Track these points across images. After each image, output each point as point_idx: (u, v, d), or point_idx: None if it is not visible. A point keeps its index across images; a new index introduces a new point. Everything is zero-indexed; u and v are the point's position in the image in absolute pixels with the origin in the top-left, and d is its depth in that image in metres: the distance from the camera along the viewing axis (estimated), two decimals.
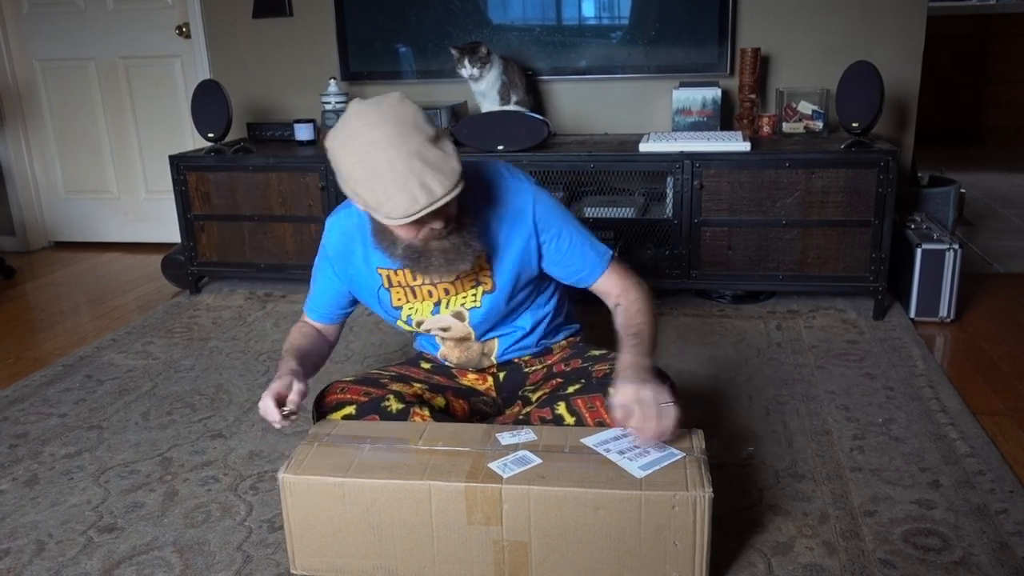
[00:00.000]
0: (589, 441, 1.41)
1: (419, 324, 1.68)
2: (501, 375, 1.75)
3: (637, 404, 1.37)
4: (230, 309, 2.98)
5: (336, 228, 1.65)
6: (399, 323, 1.70)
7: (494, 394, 1.75)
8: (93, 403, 2.23)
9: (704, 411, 2.03)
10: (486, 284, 1.63)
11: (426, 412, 1.55)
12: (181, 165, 3.03)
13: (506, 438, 1.43)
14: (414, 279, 1.62)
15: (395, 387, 1.61)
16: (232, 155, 3.02)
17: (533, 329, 1.73)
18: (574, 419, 1.52)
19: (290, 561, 1.42)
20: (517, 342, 1.73)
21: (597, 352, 1.71)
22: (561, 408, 1.53)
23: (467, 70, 2.88)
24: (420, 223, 1.39)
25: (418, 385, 1.65)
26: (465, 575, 1.36)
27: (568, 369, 1.68)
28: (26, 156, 3.95)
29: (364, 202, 1.39)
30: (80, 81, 3.82)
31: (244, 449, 1.93)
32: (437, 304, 1.65)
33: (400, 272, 1.62)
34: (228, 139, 3.12)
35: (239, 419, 2.09)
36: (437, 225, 1.41)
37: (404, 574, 1.38)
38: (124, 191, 3.94)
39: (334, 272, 1.68)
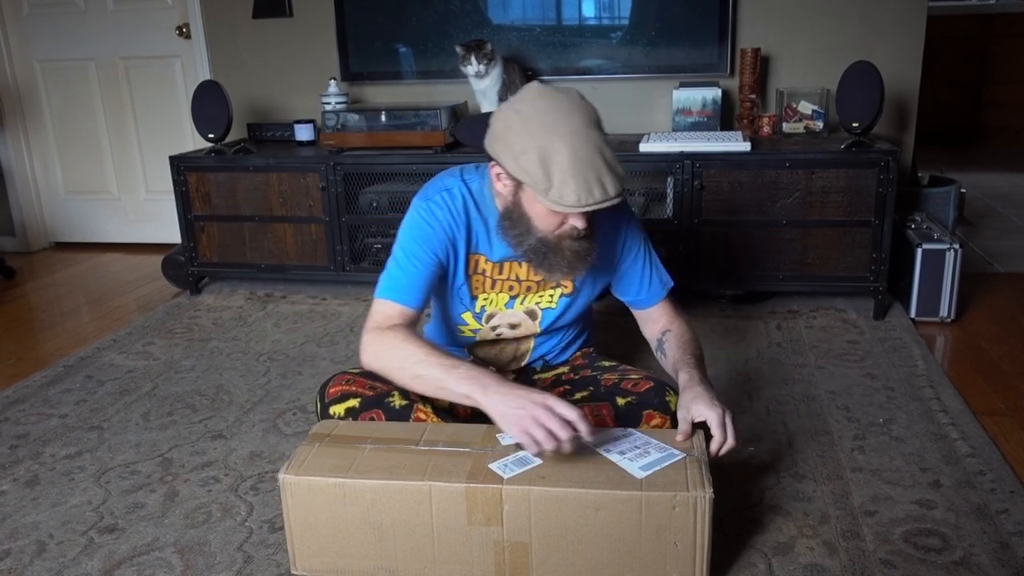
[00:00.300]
0: (591, 439, 1.41)
1: (489, 318, 1.68)
2: (511, 380, 1.76)
3: (717, 424, 1.41)
4: (230, 310, 2.98)
5: (444, 207, 1.58)
6: (465, 316, 1.68)
7: None
8: (94, 404, 2.23)
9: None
10: (566, 287, 1.66)
11: (429, 410, 1.55)
12: (181, 165, 3.03)
13: (506, 439, 1.43)
14: (500, 272, 1.63)
15: None
16: (232, 155, 3.02)
17: (567, 338, 1.76)
18: None
19: (290, 562, 1.42)
20: (551, 349, 1.75)
21: (608, 363, 1.73)
22: None
23: (473, 67, 2.88)
24: (562, 218, 1.44)
25: None
26: (465, 575, 1.36)
27: (577, 377, 1.70)
28: (26, 156, 3.95)
29: (533, 181, 1.39)
30: (80, 82, 3.82)
31: (245, 450, 1.93)
32: (513, 298, 1.66)
33: (489, 262, 1.62)
34: (228, 139, 3.13)
35: (240, 420, 2.09)
36: (581, 225, 1.44)
37: (405, 575, 1.38)
38: (124, 191, 3.95)
39: (442, 248, 1.58)
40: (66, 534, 1.61)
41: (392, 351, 1.48)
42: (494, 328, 1.68)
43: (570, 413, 1.30)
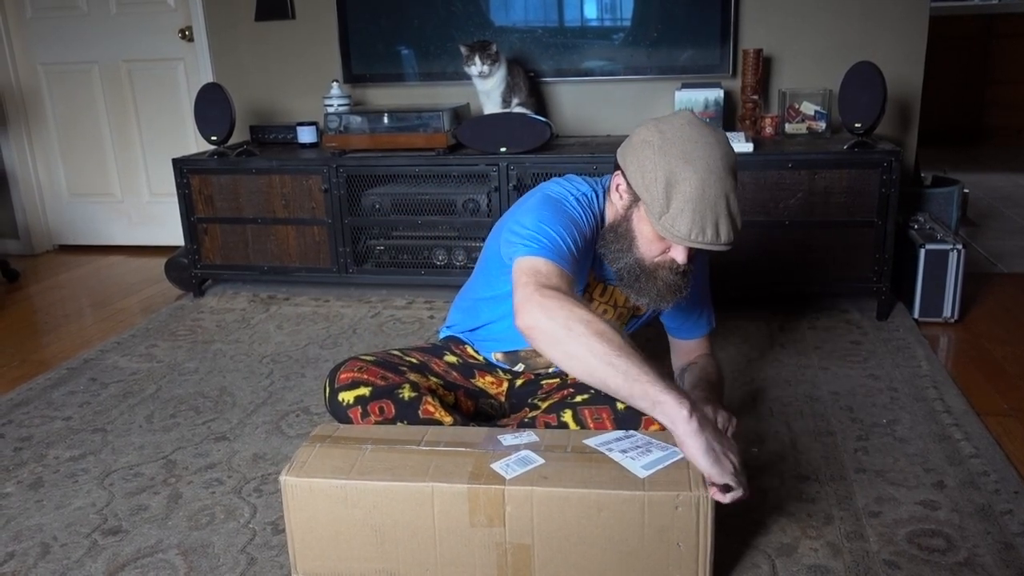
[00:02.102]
0: (591, 442, 1.41)
1: None
2: (518, 381, 1.76)
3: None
4: (233, 312, 2.99)
5: (583, 198, 1.55)
6: None
7: (503, 398, 1.76)
8: (97, 406, 2.23)
9: None
10: (640, 309, 1.69)
11: (437, 403, 1.56)
12: (184, 168, 3.04)
13: (508, 439, 1.43)
14: (602, 294, 1.66)
15: (412, 376, 1.61)
16: (235, 158, 3.03)
17: None
18: (578, 428, 1.52)
19: (292, 564, 1.42)
20: None
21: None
22: (567, 416, 1.54)
23: (477, 67, 2.88)
24: (665, 245, 1.45)
25: (434, 379, 1.66)
26: None
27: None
28: (30, 160, 3.96)
29: (652, 200, 1.41)
30: (83, 85, 3.83)
31: (248, 451, 1.93)
32: None
33: (598, 284, 1.65)
34: (231, 142, 3.13)
35: (243, 422, 2.09)
36: (682, 259, 1.46)
37: None
38: (127, 194, 3.95)
39: (587, 230, 1.53)
40: (70, 536, 1.62)
41: (587, 324, 1.28)
42: None
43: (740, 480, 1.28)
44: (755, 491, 1.66)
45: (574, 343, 1.27)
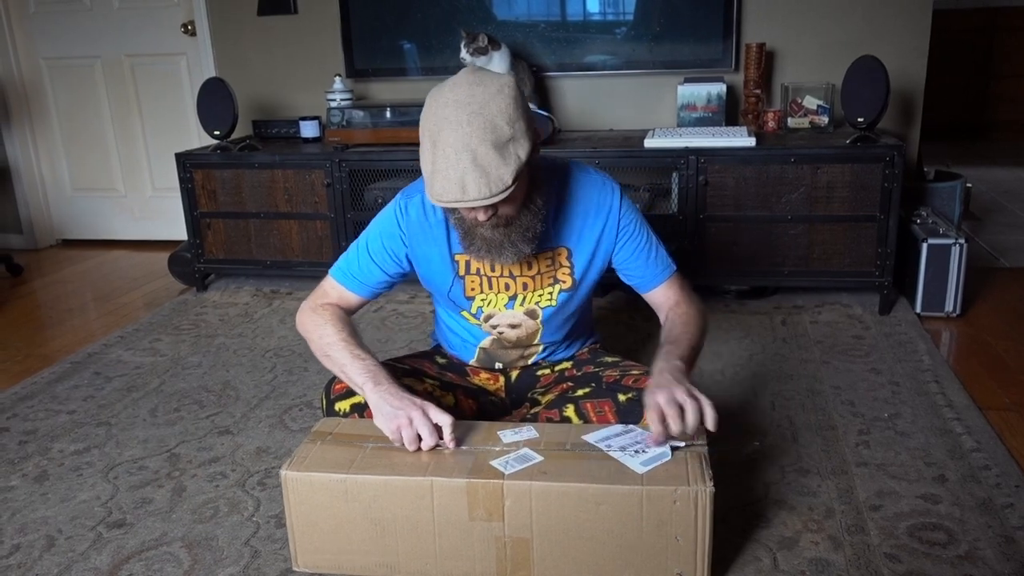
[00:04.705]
0: (590, 438, 1.42)
1: (488, 318, 1.67)
2: (513, 375, 1.76)
3: (665, 405, 1.34)
4: (237, 306, 3.00)
5: (418, 204, 1.60)
6: (464, 314, 1.69)
7: (503, 395, 1.76)
8: (101, 400, 2.24)
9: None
10: (565, 282, 1.64)
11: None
12: (187, 163, 3.04)
13: (508, 435, 1.43)
14: (492, 269, 1.62)
15: (406, 381, 1.61)
16: (238, 152, 3.03)
17: (570, 334, 1.76)
18: (581, 422, 1.52)
19: (292, 558, 1.43)
20: (555, 346, 1.75)
21: (611, 359, 1.72)
22: (569, 410, 1.54)
23: (461, 52, 2.90)
24: (464, 209, 1.43)
25: (429, 382, 1.66)
26: (467, 571, 1.37)
27: (579, 373, 1.70)
28: (33, 154, 3.97)
29: (423, 170, 1.41)
30: (86, 79, 3.83)
31: (251, 445, 1.94)
32: (512, 299, 1.64)
33: (479, 260, 1.60)
34: (234, 136, 3.13)
35: (246, 415, 2.10)
36: (481, 217, 1.43)
37: (406, 570, 1.39)
38: (131, 189, 3.96)
39: (405, 246, 1.61)
40: (75, 529, 1.63)
41: (316, 326, 1.58)
42: (494, 327, 1.68)
43: (442, 419, 1.38)
44: (757, 484, 1.66)
45: (312, 348, 1.60)
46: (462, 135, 1.33)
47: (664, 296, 1.67)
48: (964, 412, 1.96)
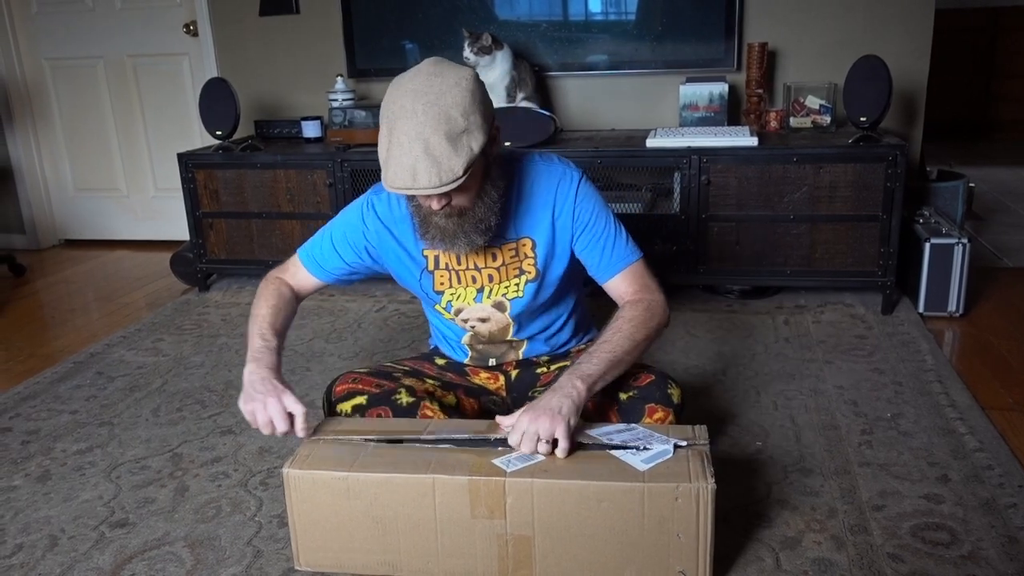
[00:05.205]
0: (592, 432, 1.42)
1: (458, 312, 1.68)
2: (514, 375, 1.76)
3: (527, 427, 1.35)
4: (239, 306, 3.00)
5: (385, 200, 1.62)
6: (437, 309, 1.70)
7: (504, 394, 1.76)
8: (104, 400, 2.24)
9: (712, 406, 2.03)
10: (529, 273, 1.64)
11: (436, 407, 1.56)
12: (190, 163, 3.05)
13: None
14: (459, 263, 1.63)
15: (407, 381, 1.62)
16: (240, 152, 3.04)
17: (552, 325, 1.74)
18: (582, 421, 1.52)
19: (294, 557, 1.43)
20: (537, 338, 1.74)
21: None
22: None
23: (465, 51, 2.90)
24: (421, 197, 1.44)
25: (430, 381, 1.66)
26: (469, 569, 1.37)
27: None
28: (36, 154, 3.97)
29: (380, 158, 1.42)
30: (89, 80, 3.84)
31: (254, 445, 1.94)
32: (480, 291, 1.65)
33: (446, 254, 1.62)
34: (236, 137, 3.14)
35: None
36: (434, 205, 1.44)
37: (408, 568, 1.39)
38: (133, 189, 3.96)
39: (366, 240, 1.65)
40: (78, 529, 1.63)
41: (260, 295, 1.67)
42: (465, 321, 1.69)
43: (296, 408, 1.43)
44: (759, 484, 1.66)
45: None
46: (416, 124, 1.34)
47: (618, 287, 1.62)
48: (967, 412, 1.96)
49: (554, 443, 1.34)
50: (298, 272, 1.72)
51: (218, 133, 3.05)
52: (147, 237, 4.00)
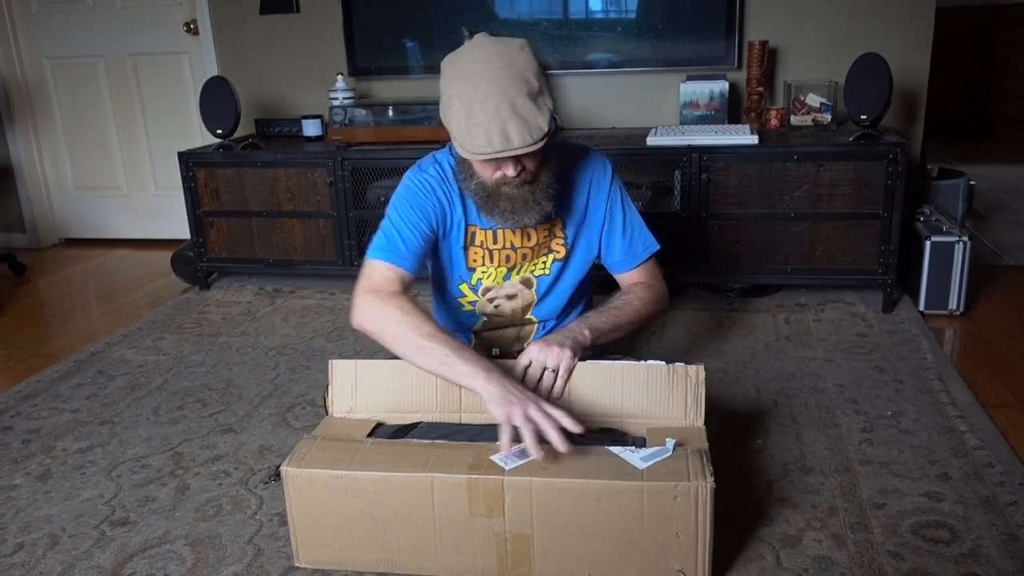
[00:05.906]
0: (592, 363, 1.47)
1: (486, 291, 1.70)
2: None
3: (535, 356, 1.48)
4: (239, 305, 3.00)
5: (437, 176, 1.62)
6: (462, 287, 1.70)
7: None
8: (104, 398, 2.24)
9: (712, 405, 2.03)
10: (558, 252, 1.68)
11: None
12: (190, 161, 3.05)
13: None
14: (494, 241, 1.65)
15: None
16: (240, 151, 3.04)
17: (566, 313, 1.78)
18: None
19: (294, 554, 1.43)
20: (550, 326, 1.76)
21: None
22: None
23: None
24: (495, 164, 1.46)
25: None
26: (467, 567, 1.37)
27: None
28: (36, 153, 3.97)
29: (451, 128, 1.44)
30: (89, 78, 3.84)
31: (254, 443, 1.94)
32: (510, 270, 1.68)
33: (483, 231, 1.64)
34: (236, 135, 3.14)
35: (249, 414, 2.10)
36: (510, 172, 1.46)
37: (407, 566, 1.39)
38: (133, 188, 3.96)
39: (434, 214, 1.60)
40: (78, 527, 1.63)
41: (396, 318, 1.48)
42: (491, 300, 1.70)
43: (557, 413, 1.34)
44: (760, 482, 1.66)
45: (392, 341, 1.48)
46: (500, 87, 1.38)
47: (633, 276, 1.74)
48: (967, 410, 1.95)
49: (551, 443, 1.34)
50: (389, 275, 1.57)
51: (218, 132, 3.05)
52: (148, 236, 4.00)
